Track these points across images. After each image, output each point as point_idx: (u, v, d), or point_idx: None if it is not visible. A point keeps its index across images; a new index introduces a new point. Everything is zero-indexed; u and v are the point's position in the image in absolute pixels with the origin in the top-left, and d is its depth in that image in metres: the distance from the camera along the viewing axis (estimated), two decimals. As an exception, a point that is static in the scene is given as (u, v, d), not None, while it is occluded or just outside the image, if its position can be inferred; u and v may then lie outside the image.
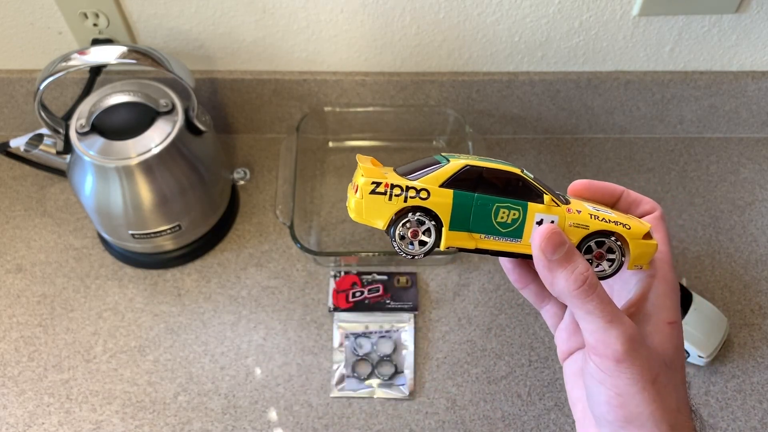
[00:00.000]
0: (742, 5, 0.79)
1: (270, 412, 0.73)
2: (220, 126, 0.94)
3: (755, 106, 0.91)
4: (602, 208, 0.40)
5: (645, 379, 0.35)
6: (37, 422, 0.72)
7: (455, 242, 0.38)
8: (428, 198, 0.37)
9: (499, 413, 0.73)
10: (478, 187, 0.38)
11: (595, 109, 0.92)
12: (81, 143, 0.72)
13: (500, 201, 0.38)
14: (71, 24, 0.81)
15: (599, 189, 0.42)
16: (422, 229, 0.38)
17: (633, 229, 0.38)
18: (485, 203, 0.38)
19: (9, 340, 0.78)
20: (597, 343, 0.36)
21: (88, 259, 0.84)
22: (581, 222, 0.38)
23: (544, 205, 0.38)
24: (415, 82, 0.88)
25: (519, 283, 0.44)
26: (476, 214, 0.38)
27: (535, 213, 0.38)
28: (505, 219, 0.38)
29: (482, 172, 0.38)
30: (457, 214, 0.38)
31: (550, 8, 0.79)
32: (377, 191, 0.38)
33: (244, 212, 0.88)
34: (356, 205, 0.39)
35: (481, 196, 0.38)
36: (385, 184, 0.38)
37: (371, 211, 0.39)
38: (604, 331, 0.35)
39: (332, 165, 0.93)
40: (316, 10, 0.79)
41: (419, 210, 0.37)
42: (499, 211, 0.38)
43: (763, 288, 0.81)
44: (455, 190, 0.38)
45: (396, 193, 0.38)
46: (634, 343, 0.35)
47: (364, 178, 0.38)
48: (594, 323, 0.36)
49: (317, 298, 0.81)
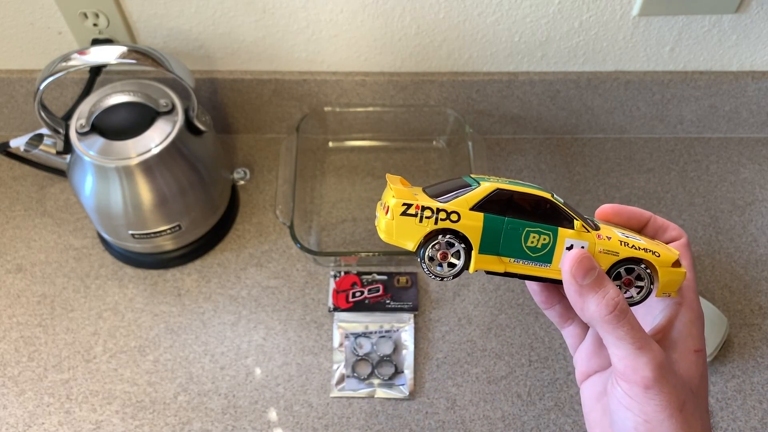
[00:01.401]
0: (742, 5, 0.79)
1: (270, 412, 0.73)
2: (220, 126, 0.94)
3: (755, 106, 0.91)
4: (631, 234, 0.40)
5: (673, 406, 0.35)
6: (37, 422, 0.72)
7: (484, 265, 0.38)
8: (459, 221, 0.37)
9: (499, 413, 0.73)
10: (508, 210, 0.38)
11: (595, 109, 0.92)
12: (81, 143, 0.72)
13: (531, 225, 0.38)
14: (71, 24, 0.81)
15: (627, 214, 0.42)
16: (451, 252, 0.38)
17: (662, 257, 0.38)
18: (515, 227, 0.38)
19: (9, 340, 0.78)
20: (626, 369, 0.36)
21: (88, 259, 0.84)
22: (611, 249, 0.38)
23: (574, 231, 0.38)
24: (415, 82, 0.88)
25: (544, 305, 0.44)
26: (506, 237, 0.38)
27: (566, 238, 0.38)
28: (535, 244, 0.38)
29: (513, 196, 0.38)
30: (487, 238, 0.38)
31: (550, 8, 0.79)
32: (408, 213, 0.38)
33: (244, 212, 0.88)
34: (387, 226, 0.38)
35: (511, 220, 0.38)
36: (416, 206, 0.37)
37: (402, 232, 0.38)
38: (634, 357, 0.35)
39: (332, 165, 0.93)
40: (316, 10, 0.79)
41: (449, 232, 0.38)
42: (530, 236, 0.38)
43: (763, 288, 0.81)
44: (486, 213, 0.38)
45: (427, 215, 0.37)
46: (663, 370, 0.35)
47: (395, 199, 0.38)
48: (624, 349, 0.36)
49: (317, 298, 0.81)
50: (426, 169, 0.92)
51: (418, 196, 0.39)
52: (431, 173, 0.92)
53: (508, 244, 0.38)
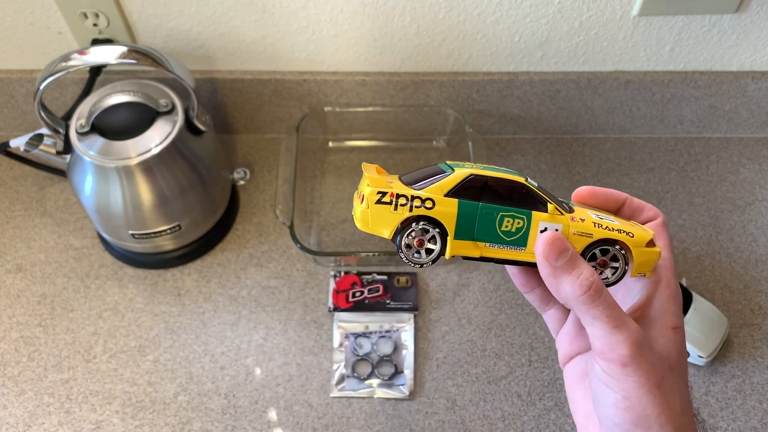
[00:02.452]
0: (742, 5, 0.79)
1: (270, 412, 0.73)
2: (220, 126, 0.94)
3: (755, 106, 0.91)
4: (606, 215, 0.41)
5: (651, 382, 0.36)
6: (37, 422, 0.72)
7: (460, 251, 0.39)
8: (433, 207, 0.38)
9: (499, 413, 0.73)
10: (482, 196, 0.38)
11: (595, 109, 0.92)
12: (81, 143, 0.72)
13: (504, 210, 0.38)
14: (71, 24, 0.81)
15: (603, 196, 0.43)
16: (427, 237, 0.38)
17: (636, 237, 0.39)
18: (489, 212, 0.38)
19: (9, 340, 0.78)
20: (604, 348, 0.36)
21: (88, 259, 0.84)
22: (585, 230, 0.38)
23: (548, 214, 0.38)
24: (415, 82, 0.88)
25: (524, 288, 0.44)
26: (481, 222, 0.38)
27: (539, 221, 0.38)
28: (509, 228, 0.38)
29: (486, 181, 0.38)
30: (462, 223, 0.38)
31: (550, 8, 0.79)
32: (383, 201, 0.38)
33: (244, 212, 0.88)
34: (362, 214, 0.38)
35: (485, 205, 0.38)
36: (391, 194, 0.38)
37: (377, 220, 0.38)
38: (611, 335, 0.36)
39: (332, 165, 0.93)
40: (316, 10, 0.79)
41: (424, 219, 0.38)
42: (504, 220, 0.38)
43: (763, 288, 0.81)
44: (460, 199, 0.38)
45: (401, 203, 0.38)
46: (641, 347, 0.36)
47: (369, 187, 0.38)
48: (601, 328, 0.36)
49: (317, 298, 0.81)
50: (426, 169, 0.92)
51: (394, 184, 0.39)
52: (431, 173, 0.92)
53: (483, 229, 0.38)
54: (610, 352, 0.36)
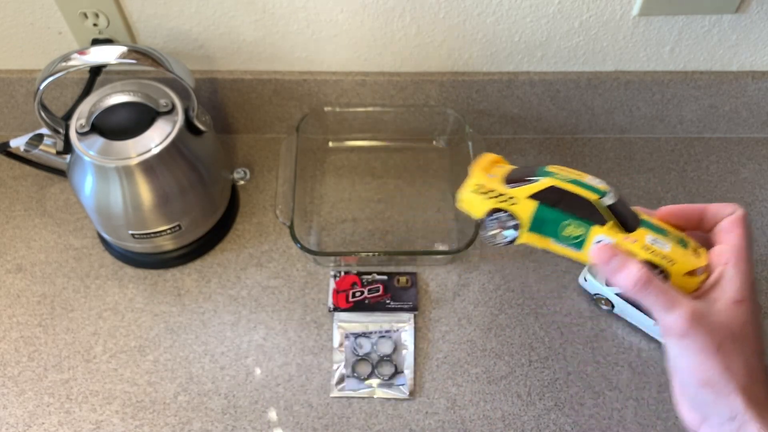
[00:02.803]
0: (742, 5, 0.79)
1: (270, 412, 0.73)
2: (220, 126, 0.94)
3: (755, 106, 0.91)
4: (665, 240, 0.46)
5: (709, 348, 0.42)
6: (37, 422, 0.72)
7: (530, 241, 0.48)
8: (515, 204, 0.47)
9: (499, 413, 0.73)
10: (558, 203, 0.47)
11: (595, 109, 0.92)
12: (81, 143, 0.72)
13: (572, 219, 0.46)
14: (71, 24, 0.81)
15: (680, 213, 0.49)
16: (506, 225, 0.48)
17: (677, 266, 0.45)
18: (558, 219, 0.47)
19: (9, 340, 0.78)
20: (664, 326, 0.44)
21: (88, 259, 0.84)
22: (632, 251, 0.46)
23: (605, 228, 0.46)
24: (415, 82, 0.88)
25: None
26: (550, 224, 0.47)
27: (596, 234, 0.46)
28: (571, 233, 0.47)
29: (563, 194, 0.47)
30: (536, 221, 0.47)
31: (550, 8, 0.79)
32: (479, 191, 0.49)
33: (244, 212, 0.88)
34: (462, 197, 0.50)
35: (556, 211, 0.47)
36: (488, 187, 0.48)
37: (472, 204, 0.49)
38: (666, 314, 0.43)
39: (332, 165, 0.93)
40: (316, 10, 0.79)
41: (506, 212, 0.47)
42: (568, 227, 0.47)
43: (763, 288, 0.81)
44: (539, 203, 0.47)
45: (492, 195, 0.48)
46: (694, 319, 0.42)
47: (471, 179, 0.49)
48: (657, 310, 0.44)
49: (317, 298, 0.81)
50: (426, 169, 0.92)
51: (495, 178, 0.49)
52: (431, 173, 0.92)
53: (550, 229, 0.47)
54: (668, 328, 0.43)
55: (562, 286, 0.82)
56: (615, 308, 0.78)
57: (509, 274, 0.83)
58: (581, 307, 0.80)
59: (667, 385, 0.74)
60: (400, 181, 0.91)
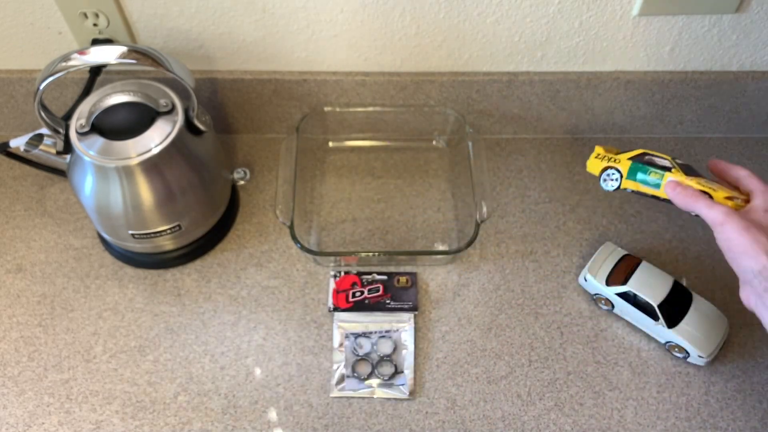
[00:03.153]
0: (742, 5, 0.79)
1: (270, 412, 0.73)
2: (220, 126, 0.94)
3: (755, 106, 0.91)
4: (712, 183, 0.67)
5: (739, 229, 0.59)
6: (37, 422, 0.72)
7: (626, 186, 0.70)
8: (618, 163, 0.71)
9: (499, 413, 0.73)
10: (645, 161, 0.70)
11: (595, 109, 0.92)
12: (81, 143, 0.72)
13: (653, 169, 0.69)
14: (71, 24, 0.81)
15: (719, 171, 0.70)
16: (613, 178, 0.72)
17: (719, 192, 0.64)
18: (645, 169, 0.69)
19: (9, 340, 0.78)
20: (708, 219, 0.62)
21: (88, 259, 0.84)
22: (689, 184, 0.66)
23: (672, 173, 0.67)
24: (415, 82, 0.88)
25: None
26: (640, 172, 0.69)
27: (668, 177, 0.67)
28: (653, 178, 0.68)
29: (651, 156, 0.70)
30: (630, 172, 0.70)
31: (550, 8, 0.79)
32: (597, 157, 0.74)
33: (244, 212, 0.88)
34: (588, 162, 0.75)
35: (643, 165, 0.70)
36: (603, 154, 0.74)
37: (593, 165, 0.74)
38: (708, 212, 0.62)
39: (332, 165, 0.93)
40: (316, 10, 0.79)
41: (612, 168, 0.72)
42: (651, 173, 0.69)
43: (763, 288, 0.81)
44: (633, 161, 0.70)
45: (605, 159, 0.73)
46: (728, 213, 0.60)
47: (595, 151, 0.75)
48: (703, 211, 0.62)
49: (317, 298, 0.81)
50: (426, 168, 0.92)
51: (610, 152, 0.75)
52: (431, 173, 0.92)
53: (640, 177, 0.69)
54: (712, 220, 0.61)
55: (562, 286, 0.82)
56: (615, 308, 0.78)
57: (509, 274, 0.83)
58: (581, 307, 0.80)
59: (667, 385, 0.74)
60: (400, 181, 0.91)
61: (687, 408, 0.73)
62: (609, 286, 0.77)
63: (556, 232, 0.86)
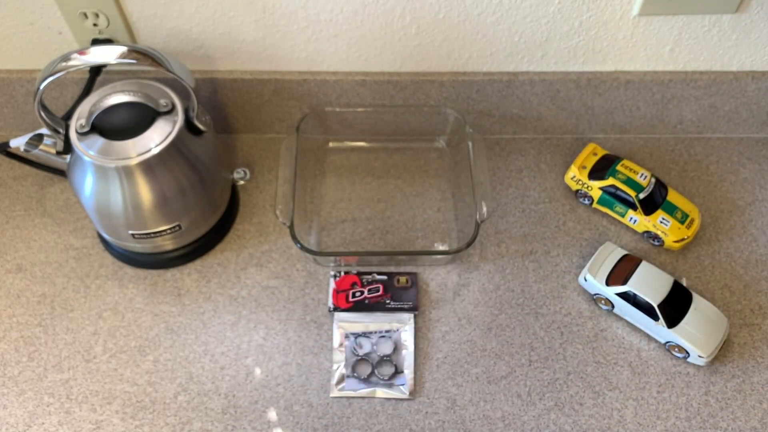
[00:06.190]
0: (742, 5, 0.79)
1: (270, 412, 0.73)
2: (220, 126, 0.94)
3: (755, 106, 0.91)
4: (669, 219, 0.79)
5: None
6: (37, 422, 0.72)
7: (597, 207, 0.82)
8: (591, 190, 0.83)
9: (499, 413, 0.73)
10: (614, 193, 0.82)
11: (595, 109, 0.92)
12: (81, 143, 0.72)
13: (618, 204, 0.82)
14: (71, 24, 0.81)
15: None
16: (586, 201, 0.84)
17: (669, 237, 0.73)
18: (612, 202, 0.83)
19: (9, 340, 0.78)
20: None
21: (88, 259, 0.84)
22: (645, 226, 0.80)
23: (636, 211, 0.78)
24: (415, 82, 0.88)
25: None
26: (608, 203, 0.83)
27: (630, 215, 0.78)
28: (618, 210, 0.81)
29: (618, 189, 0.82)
30: (600, 200, 0.83)
31: (550, 8, 0.79)
32: (572, 179, 0.83)
33: (244, 212, 0.88)
34: (566, 176, 0.85)
35: (611, 199, 0.82)
36: (578, 178, 0.84)
37: (569, 181, 0.86)
38: None
39: (332, 165, 0.93)
40: (316, 10, 0.79)
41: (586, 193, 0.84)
42: (616, 207, 0.82)
43: (763, 288, 0.81)
44: (603, 192, 0.82)
45: (580, 183, 0.84)
46: None
47: (571, 172, 0.84)
48: None
49: (317, 298, 0.81)
50: (426, 169, 0.92)
51: (586, 169, 0.85)
52: (431, 173, 0.92)
53: (608, 205, 0.81)
54: None
55: (562, 286, 0.82)
56: (615, 308, 0.78)
57: (509, 274, 0.83)
58: (581, 307, 0.80)
59: (667, 385, 0.74)
60: (400, 181, 0.91)
61: (687, 408, 0.73)
62: (609, 286, 0.77)
63: (556, 232, 0.86)
